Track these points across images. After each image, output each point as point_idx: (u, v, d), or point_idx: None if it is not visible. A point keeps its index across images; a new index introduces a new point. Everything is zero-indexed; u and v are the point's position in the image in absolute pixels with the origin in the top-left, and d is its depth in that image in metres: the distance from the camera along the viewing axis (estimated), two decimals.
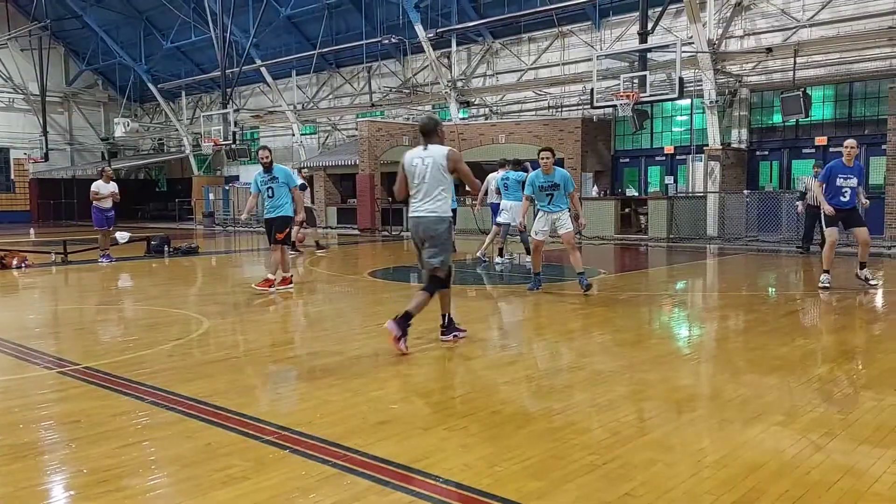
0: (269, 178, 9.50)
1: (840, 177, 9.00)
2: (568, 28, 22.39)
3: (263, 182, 9.54)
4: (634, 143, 21.99)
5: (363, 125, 23.58)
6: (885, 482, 3.16)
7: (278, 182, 9.50)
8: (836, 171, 9.06)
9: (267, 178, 9.51)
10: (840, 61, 17.59)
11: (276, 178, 9.49)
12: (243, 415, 4.18)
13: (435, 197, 5.92)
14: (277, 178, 9.50)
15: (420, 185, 5.93)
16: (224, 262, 15.59)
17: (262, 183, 9.55)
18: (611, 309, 7.99)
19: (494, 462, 3.44)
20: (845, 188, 8.99)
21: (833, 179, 9.03)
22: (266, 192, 9.54)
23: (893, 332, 6.80)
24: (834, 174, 9.04)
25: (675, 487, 3.14)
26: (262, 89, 32.17)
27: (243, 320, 7.77)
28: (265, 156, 9.53)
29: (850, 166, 9.03)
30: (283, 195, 9.54)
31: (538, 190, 8.86)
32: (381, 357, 5.72)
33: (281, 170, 9.64)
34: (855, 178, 9.04)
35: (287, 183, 9.57)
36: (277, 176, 9.50)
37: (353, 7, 26.20)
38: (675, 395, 4.63)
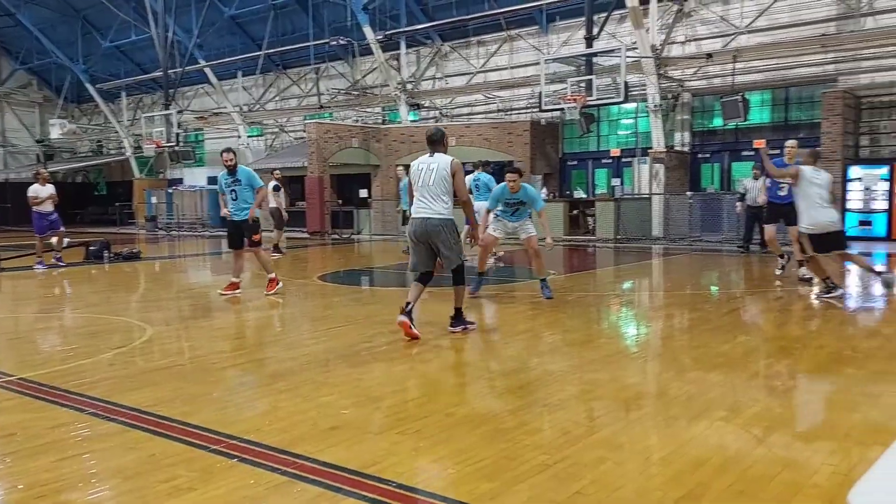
0: (233, 181, 9.39)
1: None
2: (516, 32, 22.62)
3: (227, 184, 9.44)
4: (582, 145, 22.33)
5: (311, 127, 23.35)
6: (823, 473, 3.27)
7: (241, 185, 9.38)
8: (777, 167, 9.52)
9: (230, 181, 9.40)
10: (777, 67, 18.22)
11: (239, 180, 9.38)
12: (189, 424, 4.08)
13: (440, 200, 6.32)
14: (240, 181, 9.38)
15: (425, 187, 6.35)
16: (168, 267, 15.22)
17: (227, 185, 9.44)
18: (560, 309, 8.09)
19: (447, 465, 3.44)
20: (783, 184, 9.68)
21: None
22: (230, 195, 9.43)
23: (829, 327, 7.06)
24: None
25: (624, 485, 3.19)
26: (206, 90, 31.56)
27: (188, 327, 7.60)
28: (229, 158, 9.41)
29: (791, 163, 9.51)
30: (248, 197, 9.43)
31: (503, 204, 8.90)
32: (332, 362, 5.67)
33: (244, 171, 9.50)
34: None
35: (250, 185, 9.44)
36: (240, 178, 9.39)
37: (300, 8, 25.95)
38: (623, 393, 4.71)
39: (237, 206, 9.41)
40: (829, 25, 17.47)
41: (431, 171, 6.33)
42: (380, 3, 23.30)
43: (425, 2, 23.88)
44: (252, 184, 9.42)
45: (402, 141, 23.12)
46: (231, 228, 9.58)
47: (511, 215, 8.90)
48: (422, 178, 6.39)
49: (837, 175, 16.67)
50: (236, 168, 9.41)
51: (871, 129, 17.60)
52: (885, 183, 16.33)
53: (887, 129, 17.33)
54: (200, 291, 11.09)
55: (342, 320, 7.67)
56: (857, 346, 6.10)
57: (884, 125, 17.40)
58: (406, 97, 24.21)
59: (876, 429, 3.87)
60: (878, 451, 3.43)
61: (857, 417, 4.06)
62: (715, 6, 19.12)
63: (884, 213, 16.43)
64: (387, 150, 23.47)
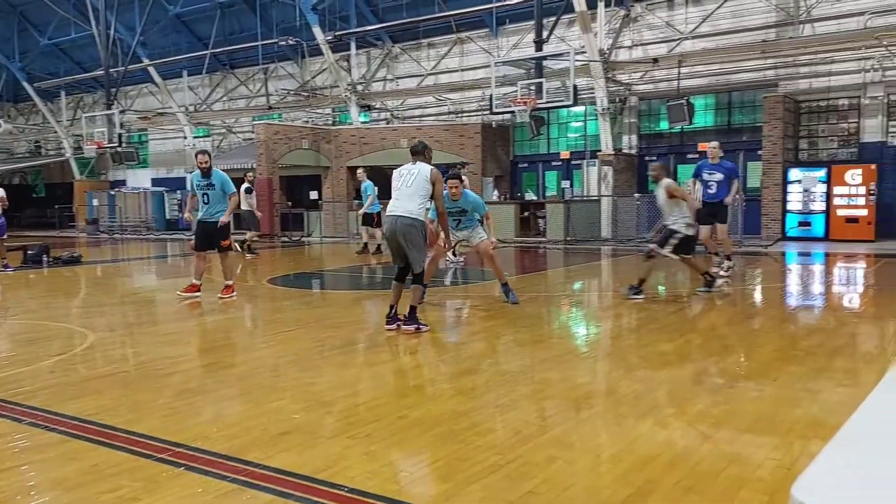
0: (206, 184, 9.25)
1: (706, 172, 10.52)
2: (466, 35, 22.71)
3: (199, 187, 9.28)
4: (532, 148, 22.54)
5: (260, 128, 23.01)
6: (766, 468, 3.36)
7: (214, 189, 9.25)
8: (703, 167, 10.64)
9: (204, 184, 9.26)
10: (720, 72, 18.73)
11: (213, 184, 9.25)
12: (133, 432, 3.97)
13: (414, 201, 6.57)
14: (214, 185, 9.24)
15: (402, 189, 6.64)
16: (111, 271, 14.79)
17: (199, 187, 9.28)
18: (512, 310, 8.14)
19: (400, 467, 3.42)
20: (711, 182, 10.44)
21: (700, 175, 10.60)
22: (202, 198, 9.28)
23: (770, 325, 7.27)
24: (700, 170, 10.64)
25: (574, 483, 3.22)
26: (150, 90, 30.81)
27: (133, 332, 7.39)
28: (204, 160, 9.27)
29: (716, 163, 10.46)
30: (220, 201, 9.30)
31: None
32: (282, 366, 5.58)
33: (219, 175, 9.37)
34: (720, 174, 10.42)
35: (224, 190, 9.31)
36: (214, 182, 9.25)
37: (247, 7, 25.55)
38: (573, 392, 4.76)
39: (208, 210, 9.28)
40: (769, 32, 18.04)
41: (412, 176, 6.66)
42: (329, 4, 23.11)
43: (375, 3, 23.79)
44: (225, 189, 9.32)
45: (353, 142, 22.97)
46: (199, 231, 9.42)
47: (456, 226, 8.47)
48: (402, 181, 6.71)
49: (778, 178, 17.28)
50: (211, 171, 9.29)
51: (810, 133, 18.24)
52: (822, 185, 16.92)
53: (825, 133, 17.98)
54: (145, 296, 10.82)
55: (292, 324, 7.57)
56: (798, 344, 6.30)
57: (821, 129, 18.05)
58: (357, 98, 24.07)
59: (816, 423, 4.00)
60: (819, 445, 3.54)
61: (799, 413, 4.18)
62: (660, 12, 19.55)
63: (821, 214, 17.02)
64: (337, 151, 23.29)
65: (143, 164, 31.69)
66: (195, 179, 9.35)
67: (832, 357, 5.62)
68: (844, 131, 17.71)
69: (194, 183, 9.35)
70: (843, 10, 17.05)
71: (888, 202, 17.07)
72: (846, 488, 1.26)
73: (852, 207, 16.63)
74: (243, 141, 28.31)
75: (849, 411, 1.60)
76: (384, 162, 20.67)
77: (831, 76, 17.49)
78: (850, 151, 17.61)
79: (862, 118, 17.40)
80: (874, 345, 6.39)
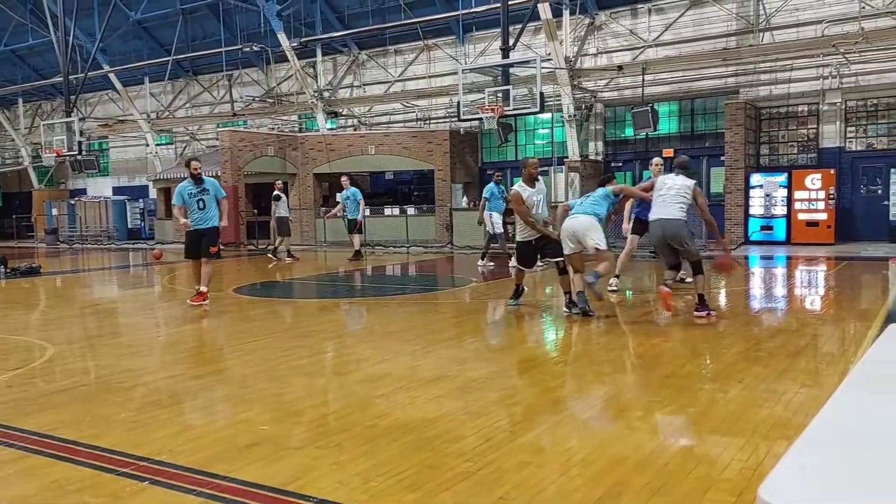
0: (200, 191, 9.26)
1: None
2: (433, 41, 22.76)
3: (193, 194, 9.27)
4: (500, 154, 22.65)
5: (224, 135, 22.75)
6: (733, 468, 3.40)
7: (209, 194, 9.27)
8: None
9: (197, 191, 9.26)
10: (683, 79, 19.05)
11: (208, 189, 9.28)
12: (95, 447, 3.87)
13: (676, 208, 7.65)
14: (208, 191, 9.28)
15: (665, 197, 7.73)
16: (71, 282, 14.47)
17: (192, 195, 9.27)
18: (482, 316, 8.14)
19: (370, 477, 3.39)
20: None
21: None
22: (197, 204, 9.27)
23: (734, 328, 7.38)
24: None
25: (546, 488, 3.22)
26: (110, 96, 30.30)
27: (94, 345, 7.23)
28: (197, 167, 9.34)
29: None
30: (214, 207, 9.35)
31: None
32: (249, 377, 5.51)
33: (211, 182, 9.45)
34: None
35: (216, 195, 9.35)
36: (209, 188, 9.29)
37: (211, 13, 25.29)
38: (543, 397, 4.77)
39: (203, 216, 9.29)
40: (730, 40, 18.41)
41: (671, 188, 7.66)
42: (294, 10, 22.98)
43: (341, 10, 23.72)
44: (218, 194, 9.40)
45: (320, 149, 22.84)
46: (193, 237, 9.39)
47: None
48: (664, 189, 7.72)
49: (740, 183, 17.60)
50: (202, 178, 9.36)
51: (771, 139, 18.63)
52: (783, 190, 17.28)
53: (785, 139, 18.38)
54: (107, 307, 10.60)
55: (259, 334, 7.48)
56: (762, 346, 6.41)
57: (782, 135, 18.45)
58: (323, 105, 23.96)
59: (781, 424, 4.06)
60: (784, 446, 3.60)
61: (764, 413, 4.25)
62: (624, 20, 19.83)
63: (783, 218, 17.38)
64: (304, 158, 23.13)
65: (103, 172, 31.11)
66: (187, 188, 9.30)
67: (795, 358, 5.73)
68: (804, 137, 18.13)
69: (185, 192, 9.29)
70: (801, 18, 17.48)
71: (847, 206, 17.51)
72: (812, 489, 1.28)
73: (812, 211, 17.00)
74: (207, 148, 27.97)
75: (812, 412, 1.62)
76: (351, 168, 20.60)
77: (791, 83, 17.90)
78: (809, 157, 18.03)
79: (821, 124, 17.83)
80: (835, 346, 6.53)
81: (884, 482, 1.29)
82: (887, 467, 1.35)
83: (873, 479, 1.31)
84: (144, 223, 28.25)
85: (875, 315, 7.67)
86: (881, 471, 1.34)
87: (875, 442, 1.45)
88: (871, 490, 1.28)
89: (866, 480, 1.30)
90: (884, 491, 1.27)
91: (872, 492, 1.27)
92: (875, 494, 1.26)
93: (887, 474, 1.32)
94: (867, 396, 1.77)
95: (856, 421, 1.59)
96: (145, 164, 29.26)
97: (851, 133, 17.65)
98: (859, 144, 17.62)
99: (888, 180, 16.93)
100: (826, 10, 17.13)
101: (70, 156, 25.61)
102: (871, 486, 1.28)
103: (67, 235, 28.04)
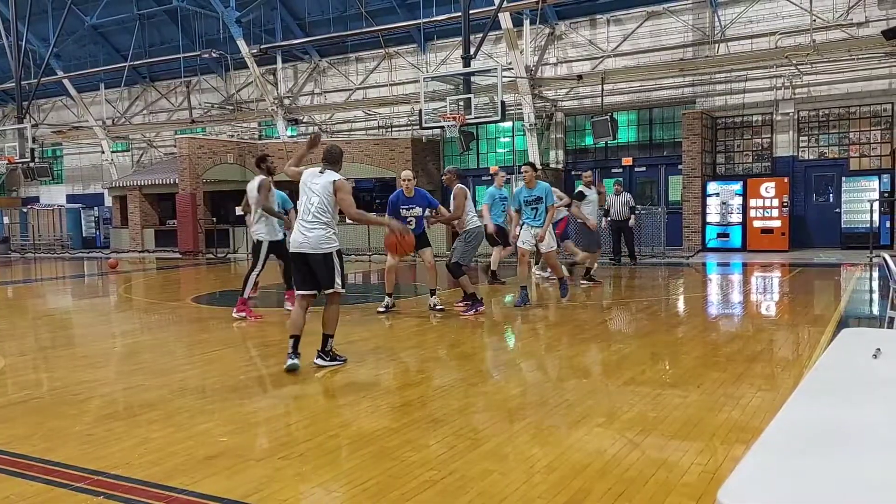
0: None
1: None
2: (394, 50, 22.77)
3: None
4: (462, 163, 22.68)
5: (182, 142, 22.41)
6: (693, 473, 3.45)
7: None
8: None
9: None
10: (641, 89, 19.38)
11: None
12: (48, 461, 3.76)
13: None
14: None
15: None
16: (23, 292, 14.06)
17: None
18: (445, 324, 8.14)
19: (332, 488, 3.35)
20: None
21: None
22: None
23: (693, 334, 7.51)
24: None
25: (509, 495, 3.22)
26: (65, 103, 29.63)
27: (47, 356, 7.03)
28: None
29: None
30: None
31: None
32: (209, 388, 5.41)
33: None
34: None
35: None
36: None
37: (169, 18, 24.92)
38: (506, 404, 4.79)
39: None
40: (687, 51, 18.80)
41: None
42: (254, 17, 22.79)
43: (302, 17, 23.59)
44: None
45: (281, 156, 22.58)
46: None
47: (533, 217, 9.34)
48: None
49: (697, 191, 17.94)
50: None
51: (726, 148, 19.05)
52: (739, 198, 17.67)
53: (740, 148, 18.82)
54: (60, 318, 10.32)
55: (219, 344, 7.36)
56: (720, 351, 6.53)
57: (737, 144, 18.89)
58: (283, 112, 23.77)
59: (739, 428, 4.13)
60: (742, 450, 3.67)
61: (722, 418, 4.32)
62: (583, 30, 20.11)
63: (738, 225, 17.76)
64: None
65: (57, 180, 30.38)
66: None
67: (752, 363, 5.85)
68: (758, 146, 18.59)
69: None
70: (755, 30, 17.95)
71: (800, 214, 17.98)
72: (769, 492, 1.30)
73: (767, 219, 17.42)
74: (165, 155, 27.51)
75: (769, 415, 1.65)
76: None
77: (745, 93, 18.35)
78: (764, 165, 18.49)
79: (774, 134, 18.30)
80: (791, 350, 6.68)
81: (839, 484, 1.33)
82: (842, 469, 1.38)
83: (829, 480, 1.34)
84: (100, 232, 27.64)
85: (829, 320, 7.88)
86: (836, 473, 1.37)
87: (830, 444, 1.49)
88: (826, 491, 1.31)
89: (822, 482, 1.34)
90: (839, 492, 1.30)
91: (828, 493, 1.30)
92: (830, 496, 1.29)
93: (842, 476, 1.35)
94: (822, 399, 1.81)
95: (811, 424, 1.62)
96: (101, 171, 28.65)
97: (804, 142, 18.16)
98: (811, 154, 18.13)
99: (839, 188, 17.45)
100: (779, 22, 17.62)
101: (22, 163, 24.95)
102: (826, 488, 1.32)
103: (19, 244, 27.27)
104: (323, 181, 5.81)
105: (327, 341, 5.92)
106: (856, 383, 1.96)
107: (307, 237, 5.72)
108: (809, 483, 1.33)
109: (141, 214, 24.98)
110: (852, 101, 17.40)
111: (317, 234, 5.71)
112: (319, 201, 5.75)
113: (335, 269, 5.77)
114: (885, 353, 2.15)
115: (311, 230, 5.72)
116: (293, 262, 5.94)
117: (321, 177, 5.85)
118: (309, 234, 5.72)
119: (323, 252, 5.73)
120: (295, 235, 5.82)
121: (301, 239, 5.75)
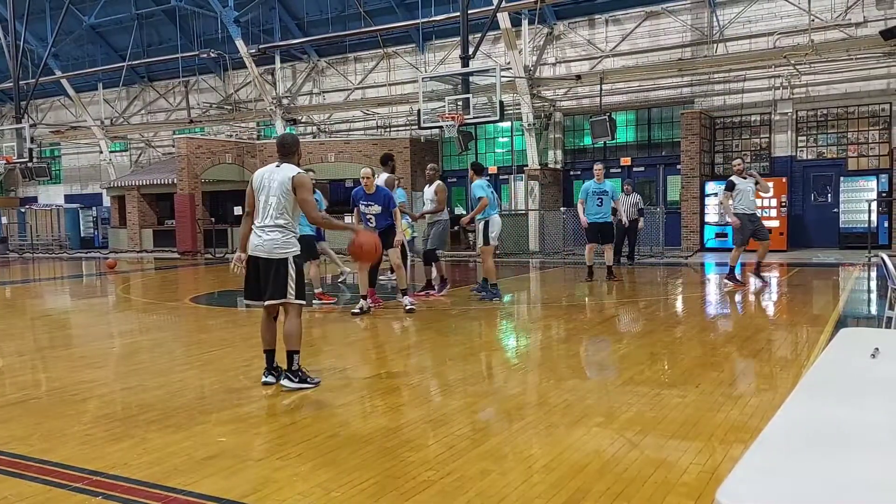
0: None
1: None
2: (393, 49, 22.77)
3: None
4: (461, 163, 22.68)
5: (181, 142, 22.40)
6: (691, 472, 3.45)
7: None
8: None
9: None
10: (639, 89, 19.39)
11: None
12: (46, 461, 3.75)
13: None
14: None
15: None
16: (21, 292, 14.04)
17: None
18: (444, 324, 8.14)
19: (331, 488, 3.35)
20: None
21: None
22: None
23: (692, 334, 7.51)
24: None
25: (508, 495, 3.22)
26: (63, 103, 29.61)
27: (45, 356, 7.02)
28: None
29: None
30: None
31: None
32: (207, 388, 5.41)
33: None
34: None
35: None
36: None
37: (167, 18, 24.90)
38: (505, 404, 4.79)
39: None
40: (685, 51, 18.82)
41: None
42: (253, 17, 22.78)
43: (300, 17, 23.58)
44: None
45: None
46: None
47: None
48: None
49: (696, 191, 17.96)
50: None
51: (725, 148, 19.07)
52: None
53: (738, 148, 18.83)
54: (59, 318, 10.30)
55: (217, 344, 7.35)
56: (718, 351, 6.53)
57: (735, 144, 18.90)
58: (282, 112, 23.76)
59: (737, 428, 4.14)
60: (740, 449, 3.67)
61: (721, 417, 4.32)
62: (582, 30, 20.12)
63: None
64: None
65: (55, 179, 30.36)
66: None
67: (751, 362, 5.85)
68: (757, 146, 18.61)
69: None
70: (753, 30, 17.96)
71: (798, 214, 18.00)
72: (768, 491, 1.30)
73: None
74: (163, 155, 27.50)
75: (768, 415, 1.65)
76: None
77: (744, 93, 18.37)
78: (762, 165, 18.49)
79: (773, 133, 18.32)
80: (789, 350, 6.68)
81: (837, 483, 1.33)
82: (840, 469, 1.38)
83: (827, 480, 1.34)
84: (98, 232, 27.62)
85: (827, 320, 7.88)
86: (834, 472, 1.37)
87: (828, 444, 1.49)
88: (825, 491, 1.31)
89: (820, 482, 1.34)
90: (837, 491, 1.30)
91: (827, 492, 1.30)
92: (829, 495, 1.29)
93: (840, 475, 1.35)
94: (821, 399, 1.81)
95: (810, 423, 1.63)
96: (99, 171, 28.62)
97: (802, 142, 18.17)
98: (810, 154, 18.15)
99: (838, 188, 17.46)
100: (777, 22, 17.63)
101: (20, 163, 24.92)
102: (825, 487, 1.32)
103: (18, 244, 27.24)
104: (280, 177, 5.23)
105: (293, 359, 5.27)
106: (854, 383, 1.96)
107: (262, 240, 5.20)
108: (808, 482, 1.33)
109: (139, 214, 24.99)
110: (850, 101, 17.42)
111: (273, 236, 5.19)
112: (277, 202, 5.20)
113: (289, 277, 5.19)
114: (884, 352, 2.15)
115: (268, 233, 5.20)
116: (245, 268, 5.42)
117: (278, 171, 5.28)
118: (266, 237, 5.20)
119: (276, 257, 5.18)
120: (252, 238, 5.30)
121: (256, 241, 5.23)
